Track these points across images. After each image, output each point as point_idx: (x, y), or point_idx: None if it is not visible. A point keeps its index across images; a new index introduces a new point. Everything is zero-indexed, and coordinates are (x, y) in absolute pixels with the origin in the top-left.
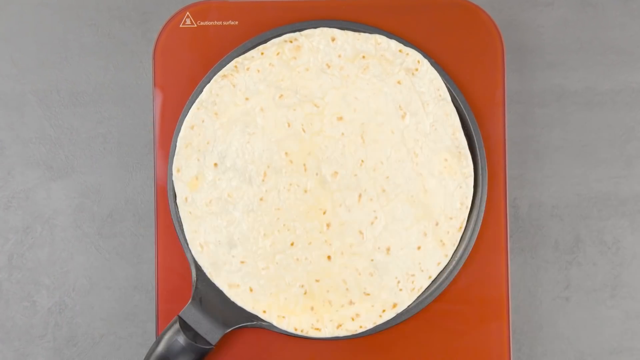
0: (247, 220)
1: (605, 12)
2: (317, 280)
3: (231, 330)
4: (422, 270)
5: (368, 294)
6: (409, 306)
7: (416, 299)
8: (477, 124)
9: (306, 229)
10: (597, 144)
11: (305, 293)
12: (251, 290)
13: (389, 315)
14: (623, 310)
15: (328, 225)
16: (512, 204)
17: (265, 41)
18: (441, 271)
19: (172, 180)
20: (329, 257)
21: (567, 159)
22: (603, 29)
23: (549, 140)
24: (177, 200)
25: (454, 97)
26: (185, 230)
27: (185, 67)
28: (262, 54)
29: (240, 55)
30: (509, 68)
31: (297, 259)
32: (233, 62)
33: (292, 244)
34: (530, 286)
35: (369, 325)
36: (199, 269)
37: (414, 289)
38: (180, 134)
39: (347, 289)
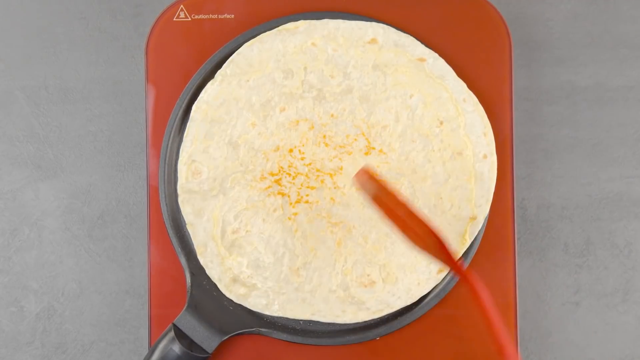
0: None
1: (617, 5)
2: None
3: (228, 337)
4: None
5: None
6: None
7: (419, 302)
8: None
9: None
10: (609, 142)
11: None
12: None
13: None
14: (635, 315)
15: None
16: (520, 204)
17: (259, 34)
18: (445, 274)
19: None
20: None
21: (577, 158)
22: (614, 23)
23: (558, 139)
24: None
25: None
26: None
27: (179, 63)
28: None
29: (233, 50)
30: (517, 63)
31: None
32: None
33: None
34: (539, 290)
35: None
36: (193, 274)
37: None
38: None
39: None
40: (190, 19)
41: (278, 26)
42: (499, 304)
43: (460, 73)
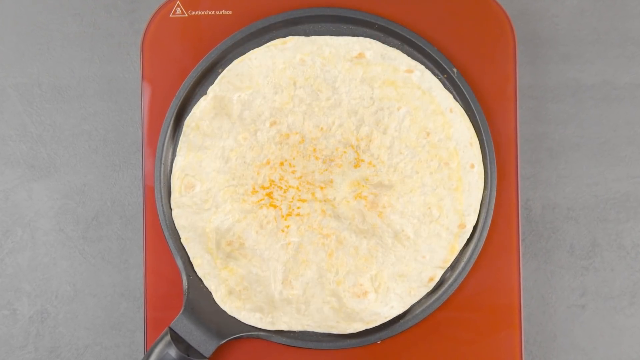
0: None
1: (624, 0)
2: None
3: (226, 341)
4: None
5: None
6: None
7: (420, 306)
8: (487, 120)
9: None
10: (616, 141)
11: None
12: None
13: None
14: None
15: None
16: (525, 205)
17: (257, 31)
18: (447, 277)
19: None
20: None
21: (583, 158)
22: (621, 19)
23: (564, 138)
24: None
25: (463, 91)
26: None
27: (176, 60)
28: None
29: (230, 47)
30: (521, 61)
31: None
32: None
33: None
34: (544, 293)
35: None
36: (190, 276)
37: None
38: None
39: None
40: (187, 15)
41: (277, 22)
42: (503, 306)
43: (463, 70)
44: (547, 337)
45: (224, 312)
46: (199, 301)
